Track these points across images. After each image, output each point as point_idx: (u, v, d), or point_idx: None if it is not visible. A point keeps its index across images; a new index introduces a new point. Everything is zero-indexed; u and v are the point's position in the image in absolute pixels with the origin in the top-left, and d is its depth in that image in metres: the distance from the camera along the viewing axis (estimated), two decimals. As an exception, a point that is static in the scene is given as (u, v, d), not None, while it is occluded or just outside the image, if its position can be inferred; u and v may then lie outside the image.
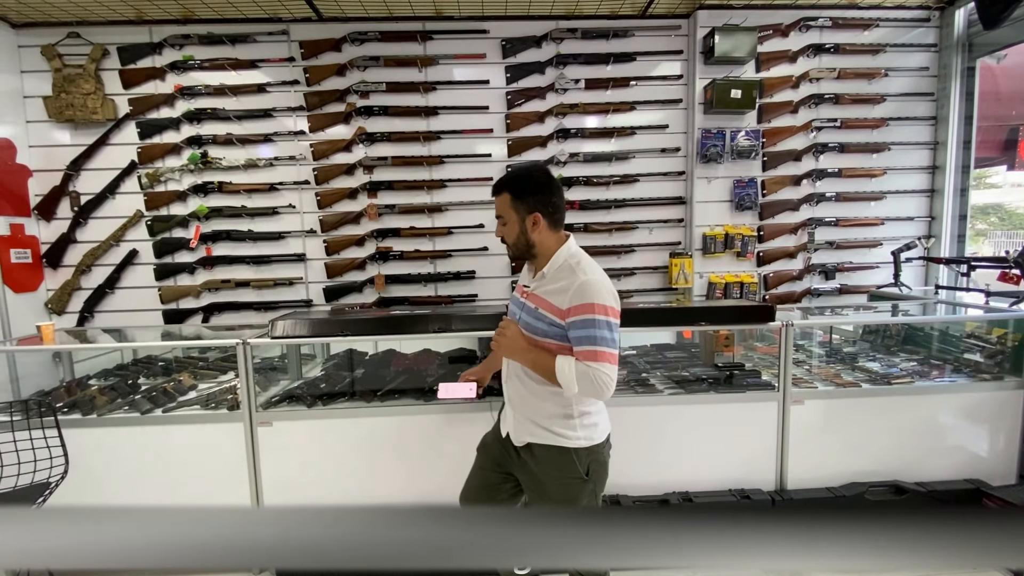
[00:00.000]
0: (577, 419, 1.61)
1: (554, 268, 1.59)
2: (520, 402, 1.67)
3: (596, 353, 1.48)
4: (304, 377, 3.04)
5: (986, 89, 3.62)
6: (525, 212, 1.59)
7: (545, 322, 1.56)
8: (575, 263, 1.58)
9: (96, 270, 3.49)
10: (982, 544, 0.33)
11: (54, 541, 0.33)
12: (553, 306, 1.55)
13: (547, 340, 1.57)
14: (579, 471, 1.61)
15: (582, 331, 1.49)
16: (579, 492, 1.62)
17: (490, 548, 0.34)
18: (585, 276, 1.53)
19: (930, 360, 3.00)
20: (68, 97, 3.28)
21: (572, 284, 1.52)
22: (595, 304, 1.49)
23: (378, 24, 3.44)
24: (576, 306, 1.50)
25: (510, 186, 1.61)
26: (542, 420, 1.62)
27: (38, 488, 2.02)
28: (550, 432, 1.61)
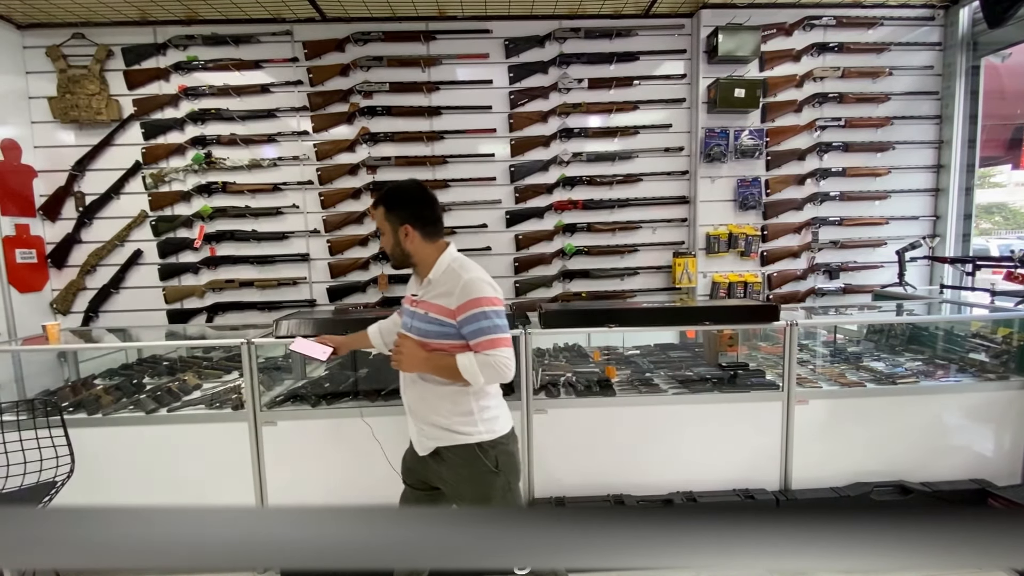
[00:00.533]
0: (477, 414, 1.69)
1: (439, 274, 1.69)
2: (420, 408, 1.73)
3: (492, 341, 1.59)
4: (308, 377, 3.05)
5: (991, 88, 3.60)
6: (397, 224, 1.68)
7: (437, 324, 1.65)
8: (457, 266, 1.68)
9: (101, 270, 3.51)
10: (987, 544, 0.33)
11: (59, 541, 0.33)
12: (443, 308, 1.64)
13: (441, 341, 1.65)
14: (487, 465, 1.68)
15: (474, 325, 1.60)
16: (492, 486, 1.68)
17: (490, 548, 0.34)
18: (468, 275, 1.63)
19: (935, 360, 2.99)
20: (73, 98, 3.30)
21: (457, 285, 1.62)
22: (480, 298, 1.60)
23: (381, 24, 3.45)
24: (464, 303, 1.60)
25: (383, 200, 1.70)
26: (443, 422, 1.68)
27: (44, 487, 2.03)
28: (453, 432, 1.68)
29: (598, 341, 3.35)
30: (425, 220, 1.69)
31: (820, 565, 0.33)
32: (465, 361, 1.59)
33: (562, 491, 2.53)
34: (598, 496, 2.52)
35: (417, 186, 1.76)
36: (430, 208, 1.72)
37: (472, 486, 1.69)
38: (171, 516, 0.34)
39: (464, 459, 1.68)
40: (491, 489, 1.68)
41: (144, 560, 0.33)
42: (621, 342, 3.36)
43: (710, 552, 0.34)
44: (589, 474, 2.53)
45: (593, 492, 2.53)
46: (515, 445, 1.78)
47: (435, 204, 1.74)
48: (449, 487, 1.74)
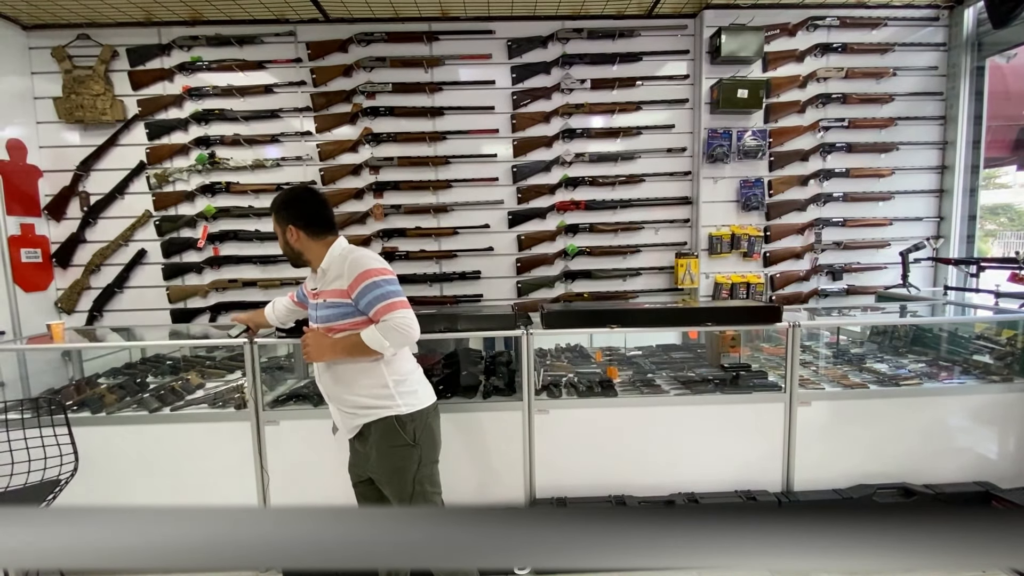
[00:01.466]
0: (393, 388, 1.78)
1: (329, 264, 1.81)
2: (337, 391, 1.82)
3: (389, 305, 1.69)
4: (311, 376, 3.05)
5: (995, 88, 3.58)
6: (284, 225, 1.82)
7: (336, 308, 1.76)
8: (340, 251, 1.81)
9: (105, 269, 3.52)
10: (989, 545, 0.33)
11: (61, 541, 0.33)
12: (337, 291, 1.75)
13: (344, 322, 1.75)
14: (405, 438, 1.76)
15: (369, 295, 1.70)
16: (408, 458, 1.77)
17: (491, 548, 0.34)
18: (352, 255, 1.76)
19: (939, 361, 2.98)
20: (78, 98, 3.31)
21: (344, 266, 1.74)
22: (368, 270, 1.71)
23: (384, 25, 3.45)
24: (354, 279, 1.71)
25: (272, 206, 1.85)
26: (361, 399, 1.78)
27: (48, 485, 2.04)
28: (372, 408, 1.77)
29: (600, 342, 3.35)
30: (308, 220, 1.81)
31: (822, 565, 0.33)
32: (368, 333, 1.69)
33: (563, 491, 2.53)
34: (600, 497, 2.52)
35: (303, 190, 1.90)
36: (313, 208, 1.83)
37: (389, 459, 1.77)
38: (171, 516, 0.34)
39: (383, 432, 1.77)
40: (407, 462, 1.77)
41: (144, 560, 0.33)
42: (623, 343, 3.36)
43: (712, 553, 0.33)
44: (591, 475, 2.53)
45: (595, 493, 2.53)
46: (435, 420, 1.87)
47: (319, 205, 1.85)
48: (372, 466, 1.82)
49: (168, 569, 0.33)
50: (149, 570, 0.34)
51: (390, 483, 1.80)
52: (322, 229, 1.84)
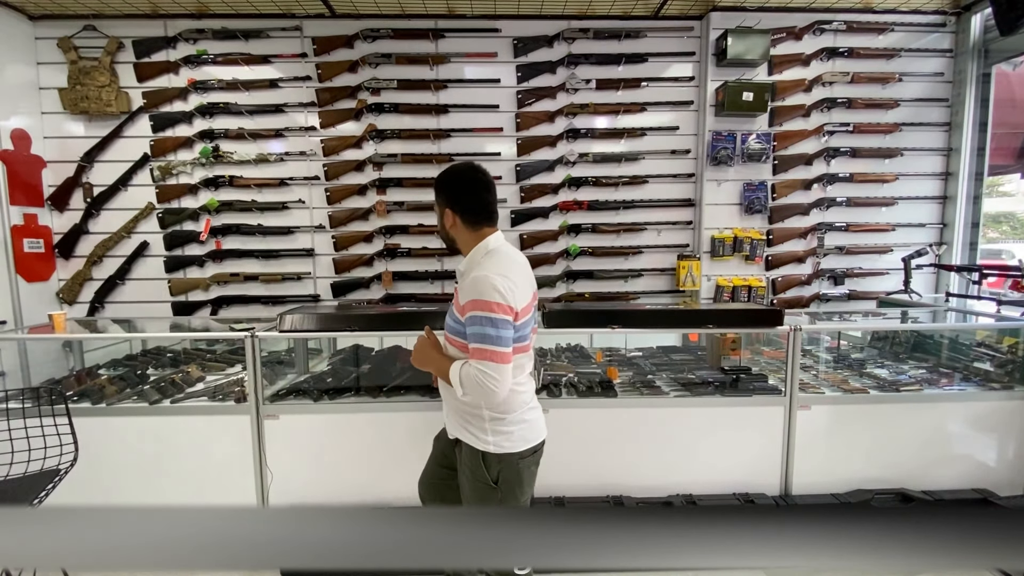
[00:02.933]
0: (488, 423, 1.57)
1: (468, 265, 1.59)
2: (447, 400, 1.69)
3: (481, 351, 1.44)
4: (311, 371, 3.06)
5: (1001, 96, 3.58)
6: (442, 208, 1.62)
7: (453, 319, 1.57)
8: (481, 257, 1.57)
9: (107, 261, 3.53)
10: (985, 546, 0.33)
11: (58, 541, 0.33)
12: (458, 302, 1.54)
13: (455, 338, 1.56)
14: (486, 476, 1.57)
15: (472, 328, 1.47)
16: (487, 498, 1.57)
17: (490, 548, 0.34)
18: (480, 271, 1.48)
19: (939, 368, 2.97)
20: (83, 89, 3.32)
21: (467, 280, 1.50)
22: (479, 300, 1.44)
23: (390, 21, 3.45)
24: (468, 302, 1.47)
25: (436, 182, 1.63)
26: (461, 419, 1.63)
27: (48, 474, 2.04)
28: (467, 432, 1.61)
29: (600, 342, 3.35)
30: (465, 207, 1.58)
31: (819, 566, 0.33)
32: (456, 371, 1.50)
33: (561, 491, 2.53)
34: (597, 497, 2.52)
35: (468, 168, 1.61)
36: (475, 195, 1.58)
37: (471, 488, 1.62)
38: (171, 516, 0.34)
39: (469, 461, 1.61)
40: (485, 499, 1.59)
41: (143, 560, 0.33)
42: (624, 344, 3.36)
43: (709, 553, 0.34)
44: (589, 474, 2.53)
45: (593, 493, 2.53)
46: (530, 465, 1.63)
47: (481, 190, 1.59)
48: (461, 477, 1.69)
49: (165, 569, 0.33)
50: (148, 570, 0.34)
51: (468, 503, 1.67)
52: (479, 219, 1.59)
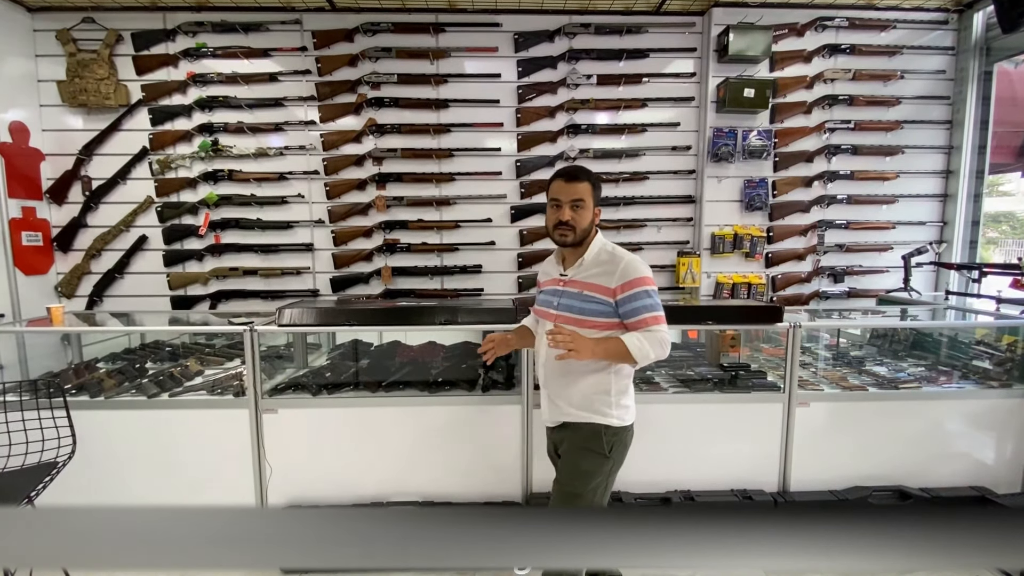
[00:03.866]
0: (614, 398, 1.75)
1: (592, 255, 1.77)
2: (558, 385, 1.78)
3: (656, 318, 1.69)
4: (309, 366, 3.06)
5: (1003, 94, 3.57)
6: (594, 204, 1.77)
7: (595, 302, 1.72)
8: (610, 249, 1.79)
9: (106, 255, 3.52)
10: (983, 545, 0.33)
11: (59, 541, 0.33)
12: (601, 286, 1.71)
13: (597, 319, 1.71)
14: (603, 447, 1.73)
15: (637, 303, 1.68)
16: (598, 467, 1.73)
17: (490, 548, 0.34)
18: (626, 257, 1.74)
19: (938, 366, 2.98)
20: (82, 82, 3.30)
21: (617, 265, 1.71)
22: (644, 278, 1.70)
23: (391, 15, 3.44)
24: (626, 282, 1.69)
25: (591, 177, 1.76)
26: (581, 399, 1.74)
27: (45, 467, 2.04)
28: (585, 411, 1.74)
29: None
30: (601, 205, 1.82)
31: (817, 566, 0.33)
32: (634, 340, 1.64)
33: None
34: (596, 493, 2.52)
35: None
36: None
37: (582, 460, 1.74)
38: (171, 516, 0.34)
39: (585, 435, 1.74)
40: (597, 469, 1.73)
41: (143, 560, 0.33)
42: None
43: (708, 553, 0.34)
44: (587, 470, 2.53)
45: (591, 488, 2.53)
46: (630, 439, 1.82)
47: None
48: (565, 453, 1.80)
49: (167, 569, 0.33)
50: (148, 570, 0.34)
51: (571, 480, 1.75)
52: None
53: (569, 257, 1.82)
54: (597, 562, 0.35)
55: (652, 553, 0.34)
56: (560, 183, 1.75)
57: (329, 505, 2.48)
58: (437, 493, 2.54)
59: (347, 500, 2.53)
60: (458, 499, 2.54)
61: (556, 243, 1.80)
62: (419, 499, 2.53)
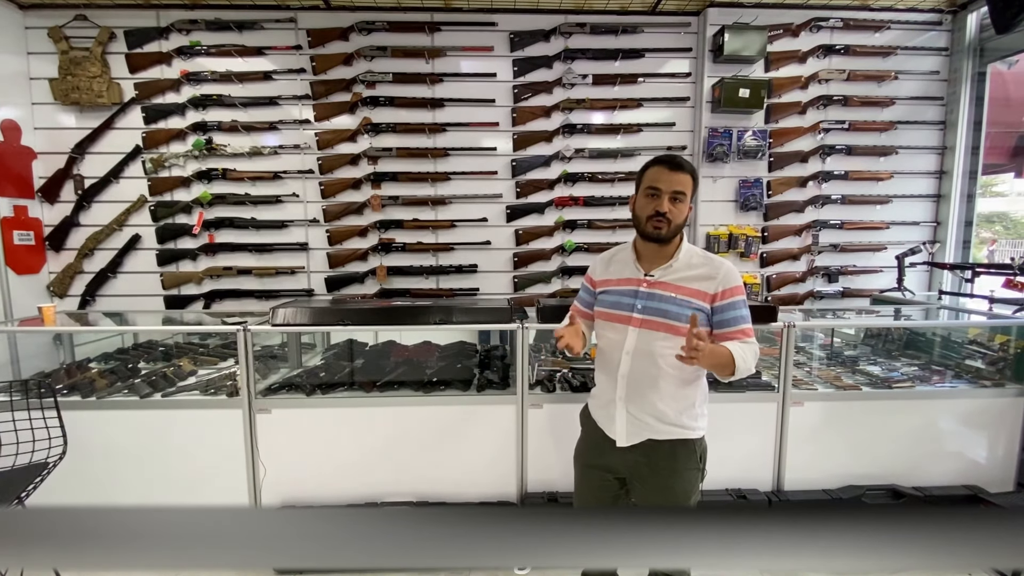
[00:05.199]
0: (698, 408, 1.66)
1: (684, 256, 1.64)
2: (641, 399, 1.63)
3: (752, 330, 1.61)
4: (304, 366, 3.05)
5: (996, 95, 3.59)
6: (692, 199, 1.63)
7: (689, 307, 1.58)
8: (702, 252, 1.67)
9: (98, 254, 3.49)
10: (977, 545, 0.33)
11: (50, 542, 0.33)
12: (698, 291, 1.59)
13: (681, 324, 1.56)
14: (697, 462, 1.66)
15: (735, 312, 1.59)
16: (696, 481, 1.67)
17: (485, 548, 0.34)
18: (726, 263, 1.63)
19: (931, 365, 2.99)
20: (74, 80, 3.28)
21: (718, 270, 1.60)
22: (741, 287, 1.62)
23: (386, 14, 3.43)
24: (727, 290, 1.59)
25: (693, 172, 1.61)
26: (669, 416, 1.61)
27: (36, 468, 2.02)
28: (675, 426, 1.62)
29: (594, 337, 3.34)
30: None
31: (812, 565, 0.34)
32: (739, 351, 1.53)
33: (554, 486, 2.53)
34: (591, 492, 2.52)
35: None
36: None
37: (680, 480, 1.64)
38: (164, 516, 0.34)
39: (678, 454, 1.63)
40: (693, 486, 1.66)
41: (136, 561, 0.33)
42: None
43: (703, 552, 0.34)
44: (583, 470, 2.53)
45: (586, 488, 2.53)
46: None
47: None
48: (650, 478, 1.65)
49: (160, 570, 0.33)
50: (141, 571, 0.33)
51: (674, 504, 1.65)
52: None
53: (652, 256, 1.65)
54: (593, 562, 0.35)
55: (648, 553, 0.34)
56: (662, 170, 1.57)
57: (323, 505, 2.47)
58: (432, 493, 2.53)
59: (341, 500, 2.52)
60: (453, 499, 2.54)
61: (646, 236, 1.61)
62: (414, 499, 2.53)
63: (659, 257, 1.64)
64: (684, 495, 1.64)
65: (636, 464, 1.66)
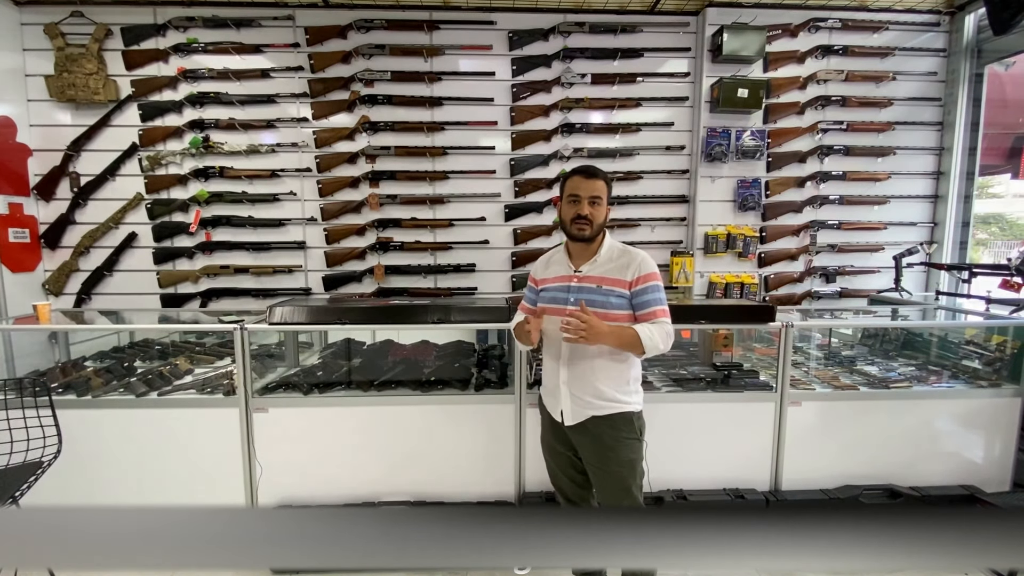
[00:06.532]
0: (632, 385, 1.85)
1: (606, 251, 1.85)
2: (581, 380, 1.82)
3: (664, 311, 1.79)
4: (301, 365, 3.04)
5: (993, 96, 3.60)
6: (608, 203, 1.86)
7: (614, 296, 1.79)
8: (621, 246, 1.88)
9: (94, 252, 3.48)
10: (973, 545, 0.33)
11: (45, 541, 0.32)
12: (619, 280, 1.80)
13: (619, 312, 1.79)
14: (636, 432, 1.84)
15: (650, 295, 1.78)
16: (639, 450, 1.84)
17: (483, 548, 0.34)
18: (640, 253, 1.83)
19: (928, 365, 3.00)
20: (70, 76, 3.26)
21: (632, 260, 1.81)
22: (656, 273, 1.82)
23: (385, 12, 3.42)
24: (642, 276, 1.79)
25: (607, 176, 1.86)
26: (605, 392, 1.80)
27: (30, 467, 2.01)
28: (612, 402, 1.81)
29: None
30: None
31: (809, 565, 0.34)
32: (645, 330, 1.72)
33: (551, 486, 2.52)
34: (589, 492, 2.52)
35: None
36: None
37: (624, 450, 1.80)
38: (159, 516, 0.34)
39: (618, 426, 1.81)
40: (637, 454, 1.83)
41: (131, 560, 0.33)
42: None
43: (701, 552, 0.34)
44: (580, 470, 2.53)
45: (584, 488, 2.53)
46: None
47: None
48: (597, 452, 1.82)
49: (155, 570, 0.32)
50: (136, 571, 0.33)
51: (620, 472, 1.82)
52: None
53: (580, 254, 1.88)
54: (590, 562, 0.35)
55: (645, 553, 0.34)
56: (579, 179, 1.82)
57: (320, 505, 2.46)
58: (429, 493, 2.53)
59: (338, 500, 2.51)
60: (450, 499, 2.54)
61: (573, 237, 1.84)
62: (411, 499, 2.52)
63: (586, 253, 1.86)
64: (628, 463, 1.81)
65: (582, 441, 1.85)
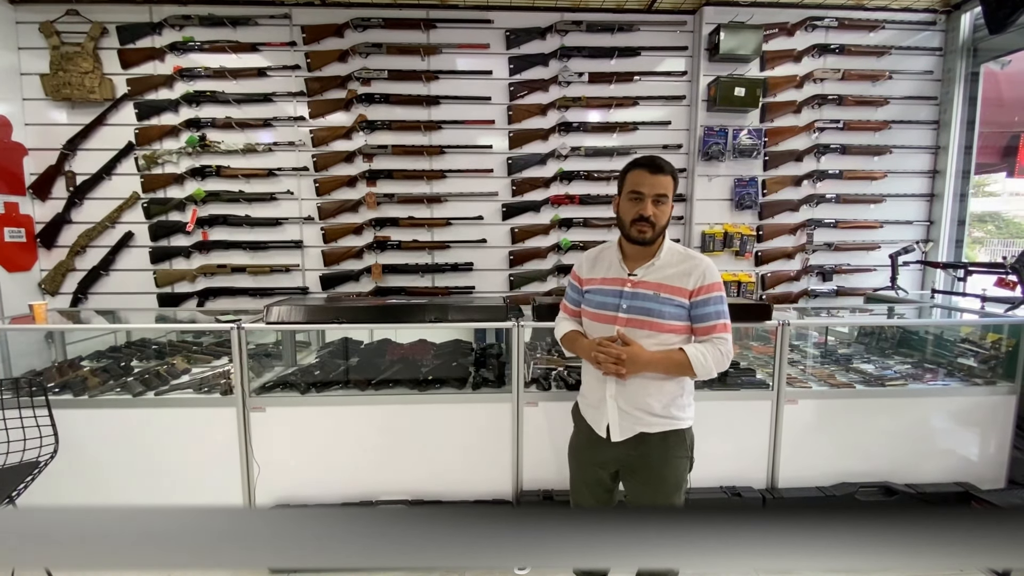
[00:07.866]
0: (684, 400, 1.70)
1: (666, 254, 1.67)
2: (631, 395, 1.66)
3: (726, 326, 1.63)
4: (298, 364, 3.03)
5: (989, 95, 3.61)
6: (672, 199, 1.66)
7: (671, 304, 1.62)
8: (682, 249, 1.70)
9: (91, 251, 3.47)
10: (969, 545, 0.34)
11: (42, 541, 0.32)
12: (678, 288, 1.62)
13: (671, 322, 1.62)
14: (687, 450, 1.71)
15: (712, 307, 1.62)
16: (685, 470, 1.72)
17: (480, 548, 0.34)
18: (704, 259, 1.65)
19: (924, 363, 3.01)
20: (65, 75, 3.24)
21: (696, 267, 1.63)
22: (720, 283, 1.64)
23: (382, 11, 3.41)
24: (706, 285, 1.62)
25: (674, 172, 1.63)
26: (657, 409, 1.66)
27: (27, 467, 2.01)
28: (664, 418, 1.67)
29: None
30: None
31: (806, 565, 0.34)
32: (699, 355, 1.58)
33: (550, 485, 2.53)
34: (586, 490, 2.52)
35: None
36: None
37: (671, 469, 1.69)
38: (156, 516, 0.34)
39: (669, 444, 1.68)
40: (683, 473, 1.71)
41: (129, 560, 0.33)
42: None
43: (698, 552, 0.34)
44: (578, 468, 2.53)
45: (582, 486, 2.53)
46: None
47: None
48: (642, 470, 1.69)
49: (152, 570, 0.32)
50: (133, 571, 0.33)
51: (666, 490, 1.69)
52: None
53: (635, 256, 1.69)
54: (590, 562, 0.35)
55: (643, 553, 0.34)
56: (643, 173, 1.59)
57: (318, 504, 2.46)
58: (427, 492, 2.53)
59: (336, 499, 2.51)
60: (448, 498, 2.54)
61: (631, 239, 1.65)
62: (408, 498, 2.52)
63: (643, 256, 1.68)
64: (675, 484, 1.69)
65: (628, 457, 1.70)
